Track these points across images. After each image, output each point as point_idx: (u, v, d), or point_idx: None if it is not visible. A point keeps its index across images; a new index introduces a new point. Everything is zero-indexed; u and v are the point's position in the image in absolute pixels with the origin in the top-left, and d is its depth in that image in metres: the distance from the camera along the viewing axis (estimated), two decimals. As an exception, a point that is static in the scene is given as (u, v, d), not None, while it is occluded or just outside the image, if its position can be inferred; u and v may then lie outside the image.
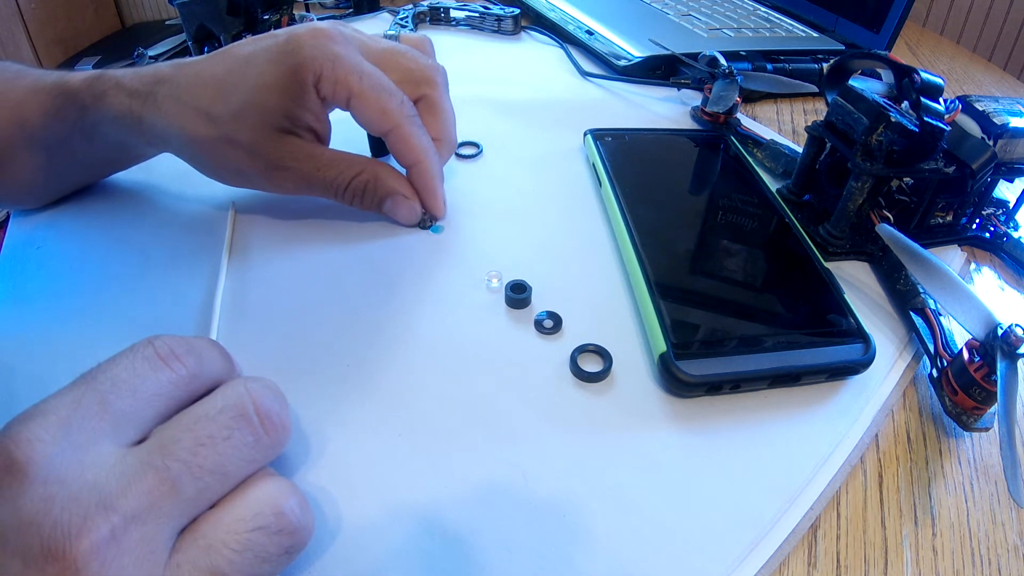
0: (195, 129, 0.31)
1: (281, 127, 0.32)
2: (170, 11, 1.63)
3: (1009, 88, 0.67)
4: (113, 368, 0.18)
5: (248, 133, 0.31)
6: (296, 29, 0.32)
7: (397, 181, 0.35)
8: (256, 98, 0.31)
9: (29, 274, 0.33)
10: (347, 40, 0.32)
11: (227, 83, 0.31)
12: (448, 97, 0.37)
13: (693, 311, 0.30)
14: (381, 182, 0.34)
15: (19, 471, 0.16)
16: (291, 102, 0.31)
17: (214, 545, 0.17)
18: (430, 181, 0.35)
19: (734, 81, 0.47)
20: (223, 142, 0.31)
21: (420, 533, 0.22)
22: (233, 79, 0.31)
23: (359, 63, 0.32)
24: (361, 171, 0.34)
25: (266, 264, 0.33)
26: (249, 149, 0.32)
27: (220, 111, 0.31)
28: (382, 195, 0.34)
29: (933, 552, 0.24)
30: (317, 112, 0.32)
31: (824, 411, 0.28)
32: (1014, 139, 0.36)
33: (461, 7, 0.66)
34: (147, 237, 0.35)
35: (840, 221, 0.36)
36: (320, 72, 0.31)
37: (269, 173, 0.33)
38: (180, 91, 0.31)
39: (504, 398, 0.27)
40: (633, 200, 0.37)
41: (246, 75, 0.31)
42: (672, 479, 0.25)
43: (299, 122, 0.32)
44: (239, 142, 0.31)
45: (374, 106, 0.32)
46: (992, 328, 0.26)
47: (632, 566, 0.22)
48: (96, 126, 0.33)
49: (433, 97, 0.36)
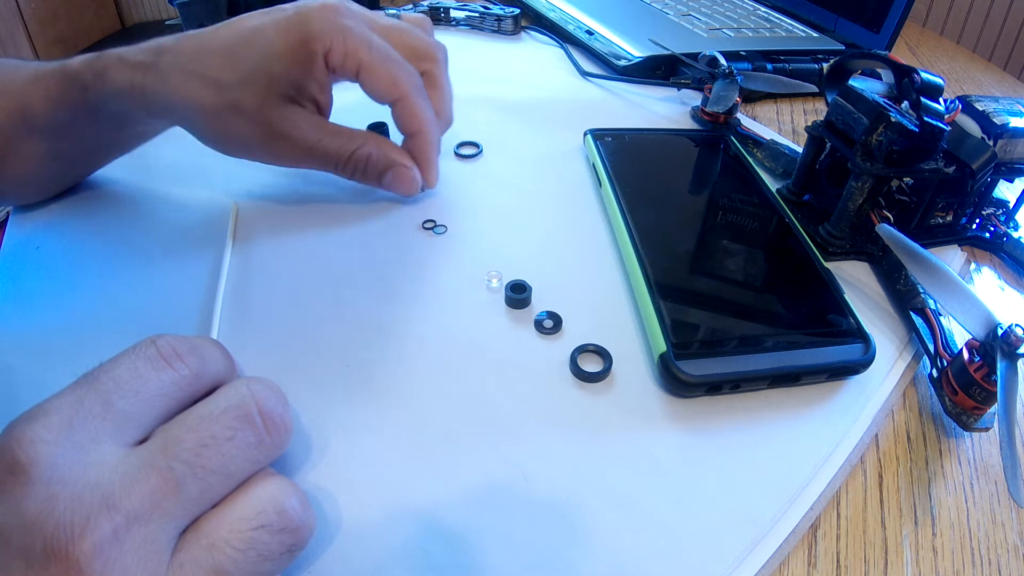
0: (200, 97, 0.31)
1: (287, 95, 0.32)
2: (170, 11, 1.63)
3: (1009, 88, 0.67)
4: (115, 368, 0.18)
5: (253, 99, 0.31)
6: (304, 3, 0.32)
7: (398, 153, 0.36)
8: (265, 64, 0.31)
9: (29, 274, 0.32)
10: (355, 14, 0.33)
11: (235, 51, 0.31)
12: (447, 74, 0.38)
13: (693, 311, 0.30)
14: (383, 154, 0.35)
15: (22, 471, 0.16)
16: (299, 72, 0.32)
17: (217, 544, 0.17)
18: (429, 150, 0.36)
19: (734, 81, 0.47)
20: (228, 109, 0.32)
21: (420, 533, 0.22)
22: (241, 47, 0.31)
23: (368, 35, 0.33)
24: (363, 143, 0.35)
25: (266, 264, 0.33)
26: (253, 116, 0.32)
27: (228, 77, 0.31)
28: (383, 167, 0.35)
29: (933, 552, 0.24)
30: (323, 83, 0.33)
31: (824, 411, 0.28)
32: (1014, 139, 0.36)
33: (461, 7, 0.66)
34: (147, 236, 0.35)
35: (840, 221, 0.36)
36: (330, 44, 0.31)
37: (271, 142, 0.33)
38: (185, 59, 0.31)
39: (504, 398, 0.27)
40: (633, 200, 0.37)
41: (255, 43, 0.31)
42: (672, 479, 0.25)
43: (304, 92, 0.33)
44: (244, 108, 0.31)
45: (385, 76, 0.33)
46: (992, 328, 0.26)
47: (632, 566, 0.22)
48: (99, 104, 0.33)
49: (435, 73, 0.37)
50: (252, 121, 0.32)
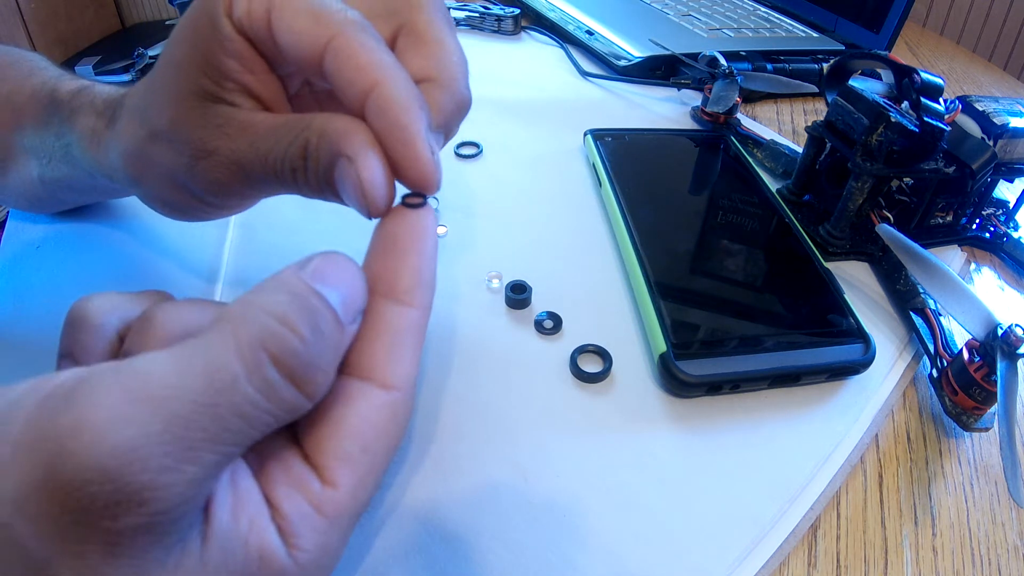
0: (128, 137, 0.24)
1: (204, 91, 0.22)
2: (170, 11, 1.63)
3: (1009, 88, 0.67)
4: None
5: (165, 111, 0.22)
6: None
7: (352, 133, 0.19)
8: (167, 57, 0.22)
9: (28, 274, 0.32)
10: None
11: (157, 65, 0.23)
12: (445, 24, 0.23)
13: (693, 311, 0.30)
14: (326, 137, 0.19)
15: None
16: (204, 47, 0.21)
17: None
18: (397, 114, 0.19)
19: (734, 81, 0.47)
20: (147, 140, 0.23)
21: (420, 533, 0.22)
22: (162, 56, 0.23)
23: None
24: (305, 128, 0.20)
25: (265, 263, 0.33)
26: (170, 134, 0.22)
27: (142, 99, 0.24)
28: (327, 159, 0.19)
29: (933, 552, 0.24)
30: (245, 57, 0.21)
31: (824, 411, 0.28)
32: (1014, 139, 0.36)
33: (461, 7, 0.66)
34: (146, 236, 0.35)
35: (840, 221, 0.36)
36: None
37: (195, 166, 0.22)
38: (134, 98, 0.25)
39: (504, 398, 0.27)
40: (633, 200, 0.37)
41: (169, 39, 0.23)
42: (672, 479, 0.25)
43: (225, 77, 0.21)
44: (159, 130, 0.23)
45: (302, 11, 0.20)
46: (992, 328, 0.26)
47: (632, 566, 0.22)
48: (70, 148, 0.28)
49: (418, 23, 0.23)
50: (169, 143, 0.23)
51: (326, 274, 0.16)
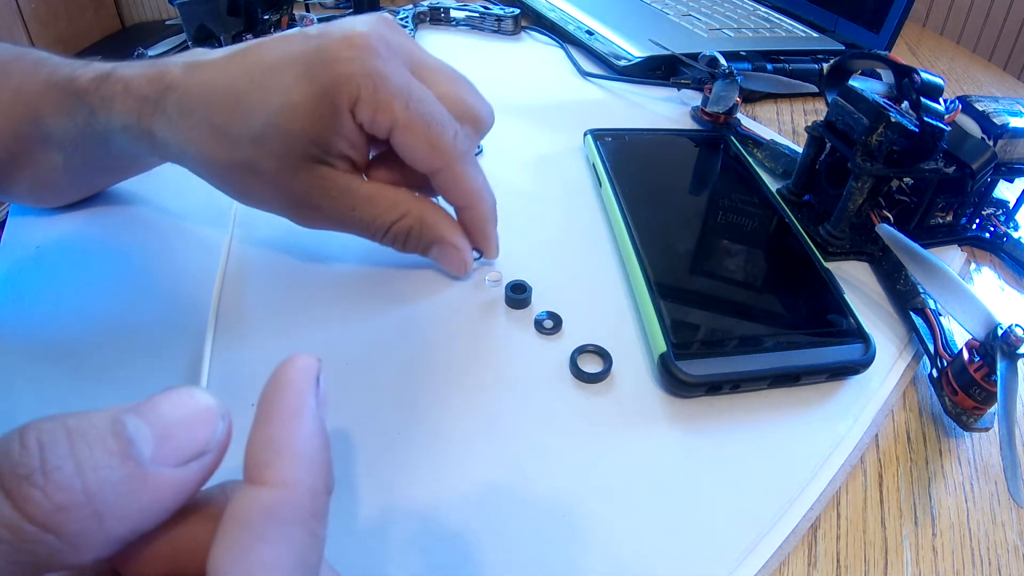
0: (211, 150, 0.27)
1: (310, 156, 0.27)
2: (170, 11, 1.62)
3: (1009, 88, 0.67)
4: None
5: (271, 162, 0.27)
6: (331, 32, 0.27)
7: (447, 226, 0.30)
8: (280, 122, 0.26)
9: (28, 273, 0.32)
10: (392, 52, 0.27)
11: (247, 98, 0.26)
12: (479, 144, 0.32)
13: (693, 311, 0.30)
14: (428, 228, 0.30)
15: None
16: (322, 129, 0.26)
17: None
18: (484, 225, 0.31)
19: (734, 81, 0.47)
20: (242, 169, 0.27)
21: (420, 533, 0.22)
22: (254, 93, 0.26)
23: (406, 84, 0.27)
24: (404, 214, 0.29)
25: (264, 263, 0.33)
26: (272, 180, 0.27)
27: (238, 131, 0.26)
28: (428, 242, 0.30)
29: (933, 552, 0.24)
30: (353, 139, 0.27)
31: (824, 411, 0.28)
32: (1014, 139, 0.36)
33: (461, 7, 0.66)
34: (146, 236, 0.35)
35: (840, 221, 0.36)
36: (358, 94, 0.26)
37: (297, 210, 0.29)
38: (193, 102, 0.27)
39: (504, 398, 0.27)
40: (633, 200, 0.37)
41: (269, 90, 0.26)
42: (672, 479, 0.25)
43: (331, 150, 0.27)
44: (261, 171, 0.27)
45: (422, 140, 0.27)
46: (992, 328, 0.26)
47: (632, 566, 0.22)
48: (107, 134, 0.30)
49: (474, 139, 0.31)
50: (272, 185, 0.28)
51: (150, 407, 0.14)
